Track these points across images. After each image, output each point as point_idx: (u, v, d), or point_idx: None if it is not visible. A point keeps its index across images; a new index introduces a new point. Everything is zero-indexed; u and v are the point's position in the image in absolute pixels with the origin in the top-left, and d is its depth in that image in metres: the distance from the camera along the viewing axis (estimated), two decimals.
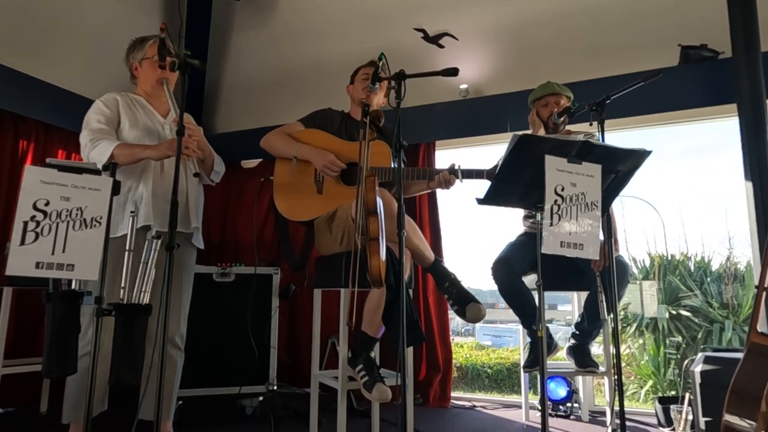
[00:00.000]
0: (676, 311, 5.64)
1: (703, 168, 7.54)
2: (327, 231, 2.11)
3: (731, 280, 5.75)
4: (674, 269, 6.23)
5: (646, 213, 6.35)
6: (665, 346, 5.61)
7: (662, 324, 5.65)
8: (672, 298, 5.88)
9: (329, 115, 2.35)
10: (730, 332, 5.31)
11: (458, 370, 8.07)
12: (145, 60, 2.10)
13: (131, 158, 1.84)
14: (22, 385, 2.62)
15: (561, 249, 1.56)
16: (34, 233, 1.41)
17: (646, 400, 5.44)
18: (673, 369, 5.46)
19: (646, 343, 5.83)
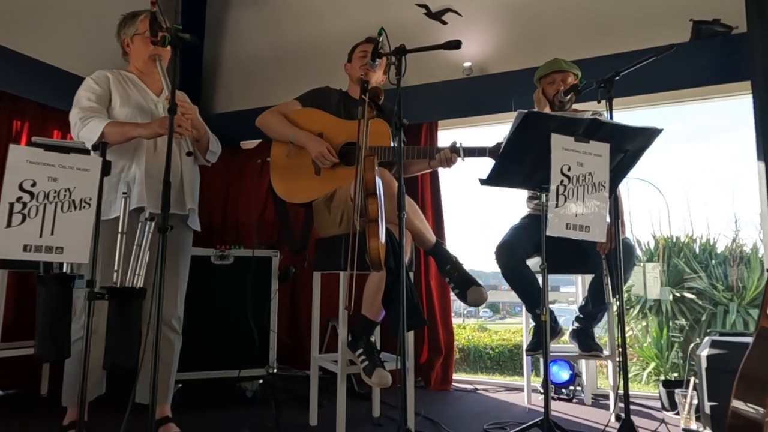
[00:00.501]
0: (680, 293, 5.60)
1: (711, 149, 7.44)
2: (326, 212, 2.06)
3: (737, 262, 5.69)
4: (679, 252, 6.17)
5: (651, 194, 6.27)
6: (669, 328, 5.59)
7: (666, 306, 5.62)
8: (676, 281, 5.83)
9: (327, 93, 2.28)
10: (734, 315, 5.27)
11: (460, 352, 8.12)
12: (137, 36, 2.03)
13: (122, 137, 1.79)
14: (22, 368, 2.61)
15: (567, 231, 1.51)
16: (21, 215, 1.36)
17: (649, 382, 5.44)
18: (676, 351, 5.45)
19: (650, 326, 5.81)
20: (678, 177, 6.83)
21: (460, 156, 1.99)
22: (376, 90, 1.78)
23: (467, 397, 2.78)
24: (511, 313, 10.11)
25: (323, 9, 3.58)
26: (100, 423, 1.82)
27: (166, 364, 2.00)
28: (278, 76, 3.90)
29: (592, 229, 1.54)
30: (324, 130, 2.12)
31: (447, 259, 1.97)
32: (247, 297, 2.42)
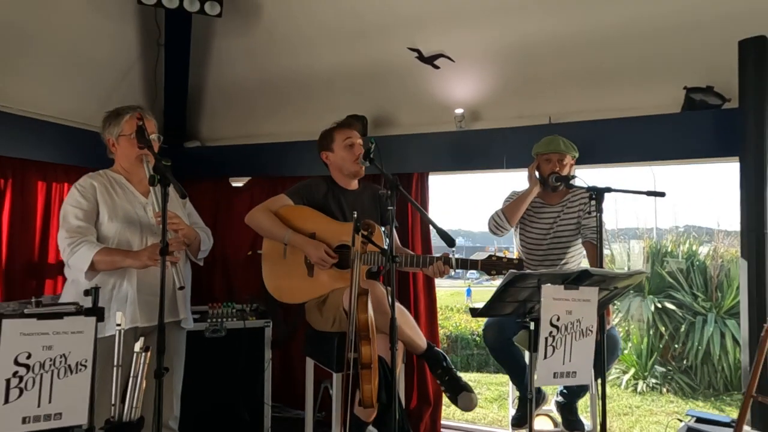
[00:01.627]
0: (661, 304, 5.77)
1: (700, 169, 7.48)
2: (318, 313, 2.09)
3: (717, 271, 5.86)
4: (662, 257, 6.32)
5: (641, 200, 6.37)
6: (649, 336, 5.79)
7: (647, 315, 5.80)
8: (659, 289, 6.00)
9: (314, 185, 2.26)
10: (712, 326, 5.46)
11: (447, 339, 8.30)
12: (122, 137, 1.98)
13: (111, 266, 1.78)
14: None
15: (554, 380, 1.56)
16: (18, 389, 1.37)
17: (627, 387, 5.69)
18: (655, 358, 5.68)
19: (631, 332, 6.02)
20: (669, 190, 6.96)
21: (453, 268, 2.01)
22: (368, 224, 1.77)
23: None
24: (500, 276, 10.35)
25: (312, 41, 3.47)
26: None
27: None
28: (262, 105, 3.84)
29: (579, 374, 1.59)
30: (316, 230, 2.12)
31: (438, 363, 2.03)
32: (238, 374, 2.46)
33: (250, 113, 3.88)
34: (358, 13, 3.18)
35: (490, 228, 2.50)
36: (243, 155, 3.75)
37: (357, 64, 3.40)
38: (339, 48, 3.38)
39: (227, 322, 2.63)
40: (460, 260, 2.00)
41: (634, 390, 5.57)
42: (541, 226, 2.53)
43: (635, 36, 2.77)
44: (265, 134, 3.83)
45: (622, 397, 5.36)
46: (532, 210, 2.55)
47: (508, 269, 1.86)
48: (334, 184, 2.30)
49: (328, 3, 3.18)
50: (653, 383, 5.53)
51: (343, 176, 2.26)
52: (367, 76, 3.43)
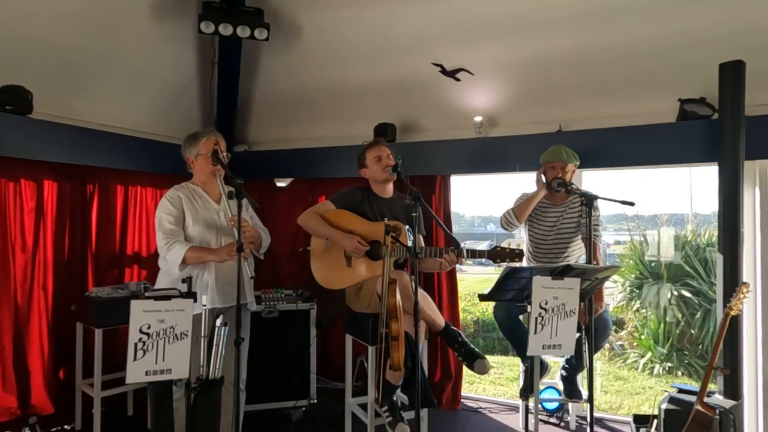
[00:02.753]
0: (678, 292, 6.03)
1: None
2: (356, 297, 2.56)
3: None
4: (682, 246, 6.53)
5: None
6: (665, 323, 6.06)
7: (663, 302, 6.07)
8: (677, 277, 6.24)
9: (353, 193, 2.70)
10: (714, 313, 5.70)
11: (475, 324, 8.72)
12: (200, 156, 2.48)
13: (198, 261, 2.29)
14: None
15: (542, 351, 1.98)
16: (142, 351, 1.88)
17: (644, 369, 5.99)
18: (671, 343, 5.96)
19: (648, 319, 6.30)
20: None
21: (464, 257, 2.43)
22: (395, 227, 2.21)
23: (473, 419, 3.36)
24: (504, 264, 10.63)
25: (346, 58, 3.88)
26: None
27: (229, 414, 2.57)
28: (303, 115, 4.30)
29: (563, 347, 2.01)
30: (354, 229, 2.57)
31: (455, 339, 2.47)
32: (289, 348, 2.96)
33: (291, 121, 4.34)
34: (386, 33, 3.58)
35: (501, 224, 2.91)
36: (285, 158, 4.22)
37: (385, 77, 3.81)
38: (369, 64, 3.79)
39: (280, 305, 3.14)
40: (470, 251, 2.41)
41: (651, 373, 5.88)
42: (547, 224, 2.92)
43: (636, 53, 3.09)
44: (304, 139, 4.31)
45: (638, 379, 5.68)
46: (539, 209, 2.94)
47: (510, 258, 2.26)
48: (371, 192, 2.74)
49: (359, 25, 3.58)
50: (668, 366, 5.82)
51: (378, 185, 2.71)
52: (394, 88, 3.84)
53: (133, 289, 3.19)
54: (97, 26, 3.19)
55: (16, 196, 3.05)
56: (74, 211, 3.36)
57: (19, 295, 3.05)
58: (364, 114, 3.95)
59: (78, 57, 3.23)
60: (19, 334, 3.05)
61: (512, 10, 3.18)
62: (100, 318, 2.95)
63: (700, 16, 2.83)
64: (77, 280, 3.34)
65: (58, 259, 3.25)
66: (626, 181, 5.72)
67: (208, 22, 3.38)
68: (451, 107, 3.78)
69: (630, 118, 3.20)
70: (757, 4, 2.69)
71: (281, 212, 4.25)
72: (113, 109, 3.65)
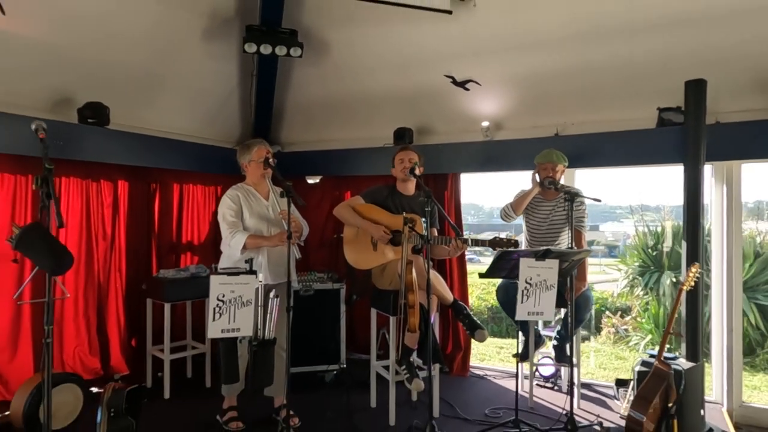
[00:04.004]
0: (676, 278, 6.44)
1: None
2: (380, 276, 3.12)
3: None
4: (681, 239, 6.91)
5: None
6: (664, 306, 6.49)
7: (663, 289, 6.50)
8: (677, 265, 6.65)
9: (380, 190, 3.25)
10: None
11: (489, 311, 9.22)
12: (252, 162, 3.05)
13: (255, 246, 2.87)
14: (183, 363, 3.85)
15: (528, 316, 2.52)
16: (219, 313, 2.47)
17: (645, 350, 6.44)
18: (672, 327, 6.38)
19: (649, 304, 6.73)
20: None
21: (469, 245, 2.95)
22: (412, 219, 2.75)
23: (479, 384, 3.91)
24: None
25: (369, 69, 4.40)
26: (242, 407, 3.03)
27: (280, 371, 3.16)
28: (330, 120, 4.85)
29: (545, 313, 2.54)
30: (378, 220, 3.12)
31: (461, 311, 3.01)
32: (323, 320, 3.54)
33: (320, 125, 4.90)
34: (404, 48, 4.08)
35: (501, 216, 3.43)
36: (315, 158, 4.79)
37: (404, 87, 4.33)
38: (389, 75, 4.30)
39: (315, 284, 3.72)
40: (474, 239, 2.93)
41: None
42: (541, 216, 3.43)
43: (620, 68, 3.55)
44: (331, 141, 4.86)
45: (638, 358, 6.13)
46: (534, 203, 3.45)
47: (507, 246, 2.77)
48: (395, 189, 3.28)
49: (380, 42, 4.09)
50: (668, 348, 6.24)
51: (401, 183, 3.26)
52: (411, 96, 4.36)
53: (192, 271, 3.81)
54: (159, 49, 3.78)
55: (98, 194, 3.68)
56: (141, 206, 3.99)
57: (100, 275, 3.69)
58: (385, 119, 4.49)
59: (144, 75, 3.83)
60: (101, 308, 3.70)
61: (515, 31, 3.65)
62: (168, 294, 3.57)
63: (673, 38, 3.27)
64: (144, 263, 3.97)
65: (130, 246, 3.88)
66: (638, 176, 6.03)
67: (251, 44, 3.93)
68: (461, 113, 4.29)
69: (616, 123, 3.67)
70: (719, 28, 3.13)
71: (311, 206, 4.79)
72: (171, 119, 4.25)
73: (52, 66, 3.35)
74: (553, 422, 3.01)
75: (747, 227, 6.49)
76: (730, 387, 3.44)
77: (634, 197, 8.05)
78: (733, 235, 3.44)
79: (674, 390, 2.66)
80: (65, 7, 3.10)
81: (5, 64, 3.11)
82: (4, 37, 2.98)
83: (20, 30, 3.02)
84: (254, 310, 2.61)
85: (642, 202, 7.57)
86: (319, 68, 4.47)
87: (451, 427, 3.01)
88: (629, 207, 7.63)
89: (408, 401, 3.45)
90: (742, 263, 3.57)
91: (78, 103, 3.52)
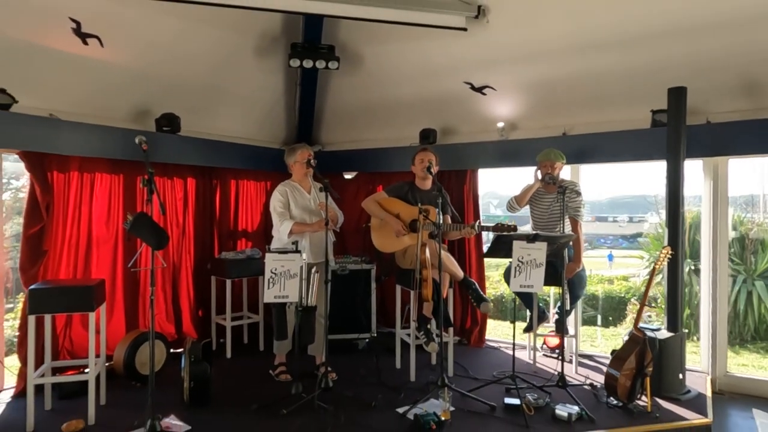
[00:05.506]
0: (695, 266, 6.72)
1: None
2: (402, 258, 3.73)
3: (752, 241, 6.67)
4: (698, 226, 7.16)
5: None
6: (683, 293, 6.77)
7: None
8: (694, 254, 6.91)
9: (402, 186, 3.85)
10: (739, 285, 6.38)
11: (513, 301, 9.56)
12: (297, 162, 3.72)
13: (300, 231, 3.54)
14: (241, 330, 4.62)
15: (519, 288, 3.07)
16: (272, 283, 3.14)
17: None
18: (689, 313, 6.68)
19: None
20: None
21: (476, 230, 3.50)
22: (426, 209, 3.33)
23: (492, 353, 4.46)
24: (594, 245, 11.31)
25: (397, 78, 4.97)
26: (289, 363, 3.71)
27: (320, 335, 3.83)
28: (364, 122, 5.46)
29: (534, 287, 3.07)
30: (400, 211, 3.73)
31: (470, 286, 3.58)
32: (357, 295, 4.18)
33: (355, 127, 5.52)
34: (429, 59, 4.62)
35: (507, 207, 3.96)
36: (351, 156, 5.43)
37: (428, 92, 4.89)
38: (416, 83, 4.87)
39: (350, 265, 4.37)
40: (480, 225, 3.48)
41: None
42: (543, 206, 3.93)
43: (619, 75, 3.98)
44: (365, 140, 5.48)
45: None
46: (537, 196, 3.95)
47: (509, 231, 3.29)
48: (414, 185, 3.87)
49: (408, 53, 4.64)
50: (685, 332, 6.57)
51: (419, 180, 3.84)
52: (435, 101, 4.92)
53: (248, 253, 4.53)
54: (218, 66, 4.49)
55: (172, 189, 4.45)
56: (205, 199, 4.74)
57: (174, 257, 4.47)
58: (412, 121, 5.06)
59: (206, 89, 4.57)
60: (175, 283, 4.48)
61: (523, 43, 4.13)
62: (229, 272, 4.31)
63: (666, 47, 3.67)
64: (209, 247, 4.74)
65: (197, 232, 4.64)
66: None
67: (295, 59, 4.59)
68: (479, 115, 4.81)
69: (615, 124, 4.11)
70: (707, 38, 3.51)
71: (348, 198, 5.45)
72: (228, 125, 4.99)
73: (135, 85, 4.11)
74: (547, 380, 3.54)
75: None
76: (714, 359, 3.85)
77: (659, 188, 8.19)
78: (719, 224, 3.83)
79: (649, 353, 3.15)
80: (143, 36, 3.83)
81: (101, 85, 3.89)
82: (101, 64, 3.75)
83: (111, 58, 3.78)
84: (299, 282, 3.27)
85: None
86: (354, 78, 5.08)
87: (461, 384, 3.59)
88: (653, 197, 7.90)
89: (427, 364, 4.05)
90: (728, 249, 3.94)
91: (155, 114, 4.28)
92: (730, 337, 6.53)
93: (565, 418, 2.99)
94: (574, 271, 3.66)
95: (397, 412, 3.15)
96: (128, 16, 3.61)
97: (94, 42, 3.56)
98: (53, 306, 2.94)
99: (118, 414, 3.08)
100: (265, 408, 3.17)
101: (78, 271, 3.73)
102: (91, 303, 2.97)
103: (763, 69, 3.58)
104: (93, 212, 3.86)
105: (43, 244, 3.49)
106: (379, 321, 4.70)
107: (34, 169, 3.46)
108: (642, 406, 3.15)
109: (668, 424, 3.00)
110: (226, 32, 4.26)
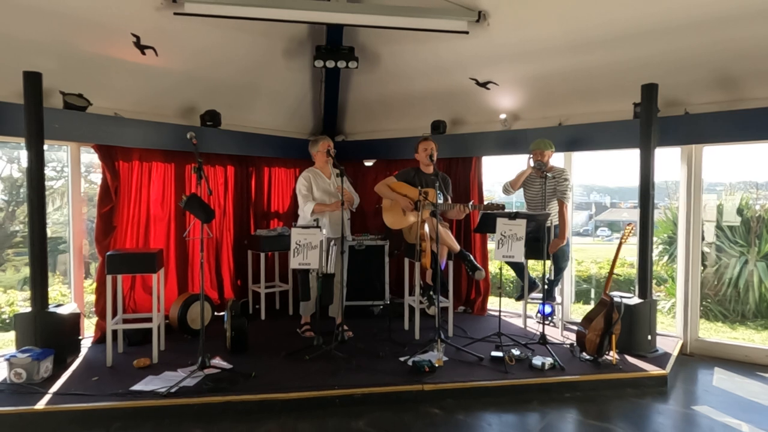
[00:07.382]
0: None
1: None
2: (409, 233, 4.34)
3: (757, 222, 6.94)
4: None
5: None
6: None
7: None
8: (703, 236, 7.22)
9: (409, 171, 4.44)
10: (740, 265, 6.69)
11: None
12: (319, 152, 4.36)
13: (320, 211, 4.20)
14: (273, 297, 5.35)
15: (503, 258, 3.63)
16: (297, 252, 3.81)
17: (670, 312, 7.14)
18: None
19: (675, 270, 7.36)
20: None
21: (470, 209, 4.06)
22: (426, 191, 3.92)
23: (492, 320, 5.03)
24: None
25: (412, 75, 5.52)
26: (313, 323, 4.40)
27: (338, 298, 4.49)
28: (382, 114, 6.04)
29: (516, 257, 3.63)
30: (406, 193, 4.32)
31: (465, 257, 4.16)
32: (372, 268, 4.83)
33: (374, 119, 6.11)
34: (438, 57, 5.15)
35: (502, 191, 4.50)
36: (370, 145, 6.03)
37: (438, 87, 5.43)
38: (427, 78, 5.41)
39: (366, 240, 5.02)
40: (474, 204, 4.03)
41: (673, 316, 7.03)
42: (535, 189, 4.45)
43: (608, 71, 4.41)
44: (383, 131, 6.07)
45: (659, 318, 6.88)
46: (530, 180, 4.47)
47: (498, 209, 3.84)
48: (419, 170, 4.45)
49: (420, 53, 5.18)
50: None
51: (423, 166, 4.42)
52: (444, 95, 5.45)
53: (279, 231, 5.24)
54: (252, 68, 5.15)
55: (214, 176, 5.18)
56: (242, 184, 5.46)
57: (216, 233, 5.21)
58: (424, 113, 5.62)
59: (242, 87, 5.25)
60: (218, 256, 5.23)
61: (524, 40, 4.60)
62: (263, 247, 5.03)
63: (648, 47, 4.09)
64: (245, 225, 5.47)
65: (236, 212, 5.38)
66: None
67: (319, 60, 5.20)
68: (484, 108, 5.32)
69: (605, 115, 4.56)
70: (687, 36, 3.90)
71: (369, 183, 6.05)
72: (262, 118, 5.67)
73: (182, 85, 4.82)
74: (530, 339, 4.10)
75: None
76: (686, 324, 4.32)
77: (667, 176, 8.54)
78: (692, 205, 4.26)
79: (616, 314, 3.66)
80: (189, 45, 4.52)
81: (156, 87, 4.62)
82: (156, 70, 4.47)
83: (164, 64, 4.49)
84: (319, 253, 3.93)
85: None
86: (373, 75, 5.67)
87: (458, 342, 4.18)
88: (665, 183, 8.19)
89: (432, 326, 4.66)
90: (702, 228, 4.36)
91: (200, 110, 4.99)
92: (732, 315, 6.89)
93: (539, 366, 3.55)
94: (557, 246, 4.18)
95: (399, 360, 3.78)
96: (177, 29, 4.30)
97: (150, 52, 4.27)
98: (126, 268, 3.71)
99: (176, 356, 3.84)
100: (291, 354, 3.87)
101: (139, 242, 4.51)
102: (154, 266, 3.71)
103: (736, 65, 3.97)
104: (151, 195, 4.62)
105: (112, 221, 4.27)
106: (393, 292, 5.34)
107: (105, 159, 4.22)
108: (609, 360, 3.68)
109: (629, 374, 3.53)
110: (258, 38, 4.91)
